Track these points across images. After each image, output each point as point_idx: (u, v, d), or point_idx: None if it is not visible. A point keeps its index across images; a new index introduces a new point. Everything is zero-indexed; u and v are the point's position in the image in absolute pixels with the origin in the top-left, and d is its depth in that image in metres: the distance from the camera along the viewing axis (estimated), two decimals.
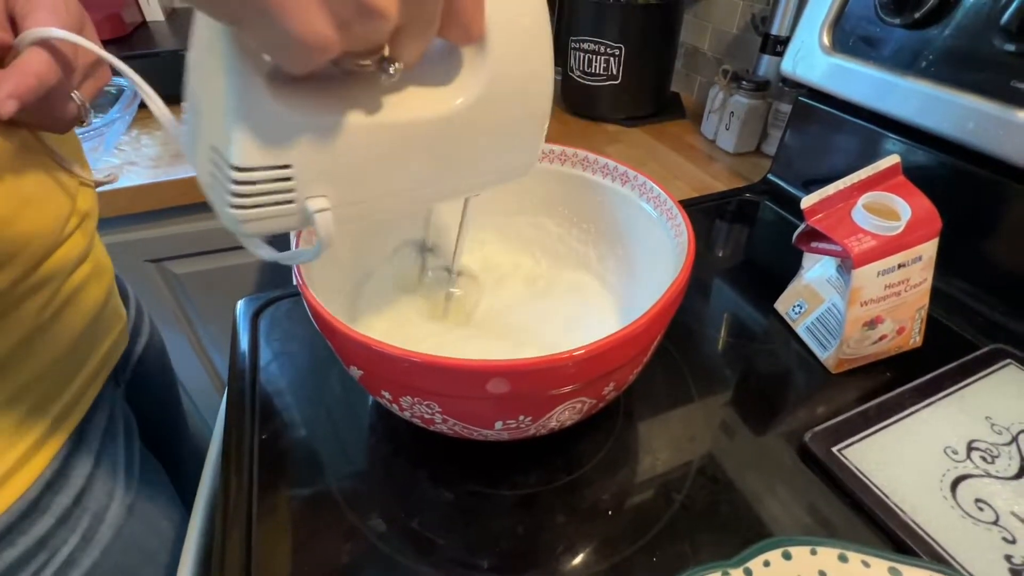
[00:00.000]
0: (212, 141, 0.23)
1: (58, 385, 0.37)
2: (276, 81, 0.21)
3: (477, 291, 0.42)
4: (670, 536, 0.33)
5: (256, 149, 0.22)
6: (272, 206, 0.23)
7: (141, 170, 0.73)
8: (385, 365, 0.29)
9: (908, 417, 0.39)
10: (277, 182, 0.23)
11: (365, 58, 0.21)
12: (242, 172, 0.22)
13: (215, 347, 0.92)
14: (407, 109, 0.25)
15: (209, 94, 0.22)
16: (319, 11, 0.17)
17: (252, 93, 0.21)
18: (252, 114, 0.21)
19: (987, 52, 0.44)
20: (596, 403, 0.33)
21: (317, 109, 0.23)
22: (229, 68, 0.20)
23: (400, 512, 0.35)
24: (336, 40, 0.18)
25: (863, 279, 0.39)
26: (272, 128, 0.22)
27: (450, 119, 0.26)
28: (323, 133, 0.23)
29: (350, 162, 0.24)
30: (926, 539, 0.31)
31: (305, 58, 0.19)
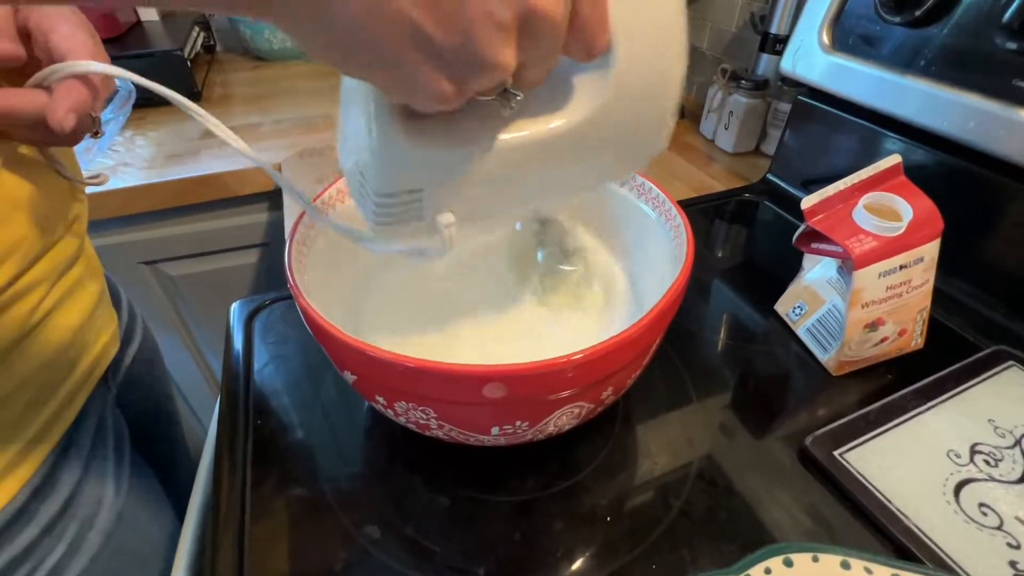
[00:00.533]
0: (360, 166, 0.26)
1: (46, 390, 0.36)
2: (411, 117, 0.24)
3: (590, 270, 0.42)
4: (669, 542, 0.32)
5: (393, 178, 0.25)
6: (407, 222, 0.27)
7: (135, 171, 0.72)
8: (378, 370, 0.28)
9: (910, 420, 0.38)
10: (411, 204, 0.26)
11: (488, 95, 0.22)
12: (382, 197, 0.26)
13: (210, 349, 0.92)
14: (527, 129, 0.25)
15: (356, 125, 0.26)
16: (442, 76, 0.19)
17: (389, 133, 0.24)
18: (388, 150, 0.24)
19: (988, 50, 0.43)
20: (595, 407, 0.33)
21: (444, 144, 0.25)
22: (371, 112, 0.23)
23: (395, 518, 0.34)
24: (455, 95, 0.20)
25: (864, 280, 0.38)
26: (407, 162, 0.25)
27: (570, 133, 0.26)
28: (450, 163, 0.25)
29: (474, 184, 0.26)
30: (929, 545, 0.31)
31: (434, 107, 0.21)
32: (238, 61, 1.12)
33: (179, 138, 0.80)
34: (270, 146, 0.78)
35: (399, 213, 0.26)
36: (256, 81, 1.02)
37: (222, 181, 0.73)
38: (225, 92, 0.97)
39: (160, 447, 0.54)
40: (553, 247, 0.42)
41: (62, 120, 0.27)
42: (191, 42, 0.93)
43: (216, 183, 0.73)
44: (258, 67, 1.09)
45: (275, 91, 0.97)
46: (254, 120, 0.86)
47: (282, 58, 1.10)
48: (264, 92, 0.97)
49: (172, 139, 0.80)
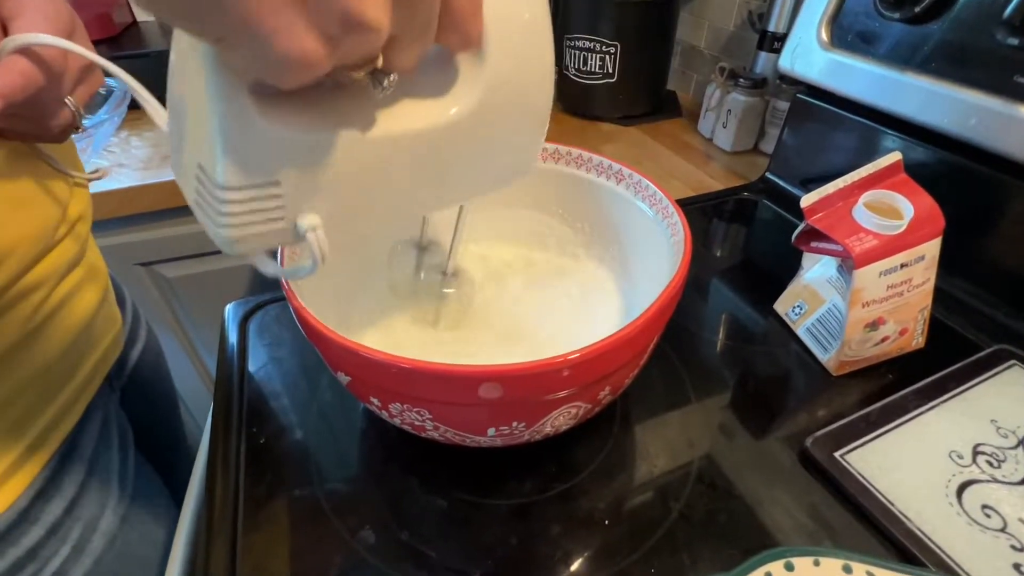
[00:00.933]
0: (198, 158, 0.22)
1: (49, 392, 0.36)
2: (262, 95, 0.20)
3: (470, 292, 0.41)
4: (669, 546, 0.32)
5: (243, 168, 0.21)
6: (262, 224, 0.23)
7: (131, 172, 0.72)
8: (372, 371, 0.28)
9: (911, 420, 0.38)
10: (266, 199, 0.22)
11: (357, 70, 0.20)
12: (229, 191, 0.21)
13: (207, 351, 0.91)
14: (400, 121, 0.24)
15: (192, 108, 0.21)
16: (305, 28, 0.16)
17: (237, 110, 0.20)
18: (237, 132, 0.20)
19: (989, 47, 0.43)
20: (592, 408, 0.32)
21: (306, 125, 0.22)
22: (212, 84, 0.19)
23: (391, 522, 0.34)
24: (325, 56, 0.17)
25: (865, 280, 0.38)
26: (259, 145, 0.21)
27: (446, 129, 0.25)
28: (313, 149, 0.22)
29: (341, 177, 0.23)
30: (932, 548, 0.30)
31: (292, 76, 0.18)
32: None
33: None
34: None
35: (253, 215, 0.22)
36: None
37: None
38: None
39: (164, 448, 0.53)
40: (432, 270, 0.40)
41: None
42: None
43: None
44: None
45: None
46: None
47: None
48: None
49: (168, 140, 0.79)
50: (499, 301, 0.43)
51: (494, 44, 0.24)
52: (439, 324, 0.40)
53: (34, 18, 0.28)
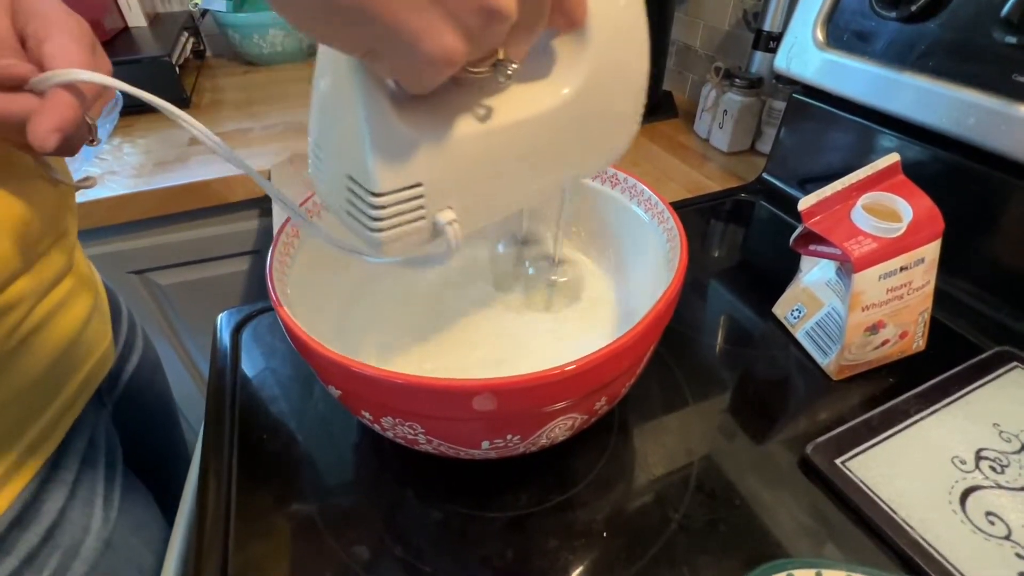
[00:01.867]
0: (348, 171, 0.24)
1: (32, 411, 0.35)
2: (400, 103, 0.22)
3: (579, 277, 0.42)
4: (668, 558, 0.31)
5: (391, 173, 0.23)
6: (408, 224, 0.24)
7: (123, 179, 0.71)
8: (362, 386, 0.28)
9: (913, 425, 0.37)
10: (411, 201, 0.24)
11: (481, 64, 0.22)
12: (381, 197, 0.23)
13: (202, 359, 0.91)
14: (520, 108, 0.25)
15: (341, 126, 0.23)
16: (448, 26, 0.17)
17: (383, 121, 0.22)
18: (385, 141, 0.22)
19: (986, 45, 0.42)
20: (588, 418, 0.32)
21: (438, 126, 0.23)
22: (360, 99, 0.21)
23: (385, 536, 0.33)
24: (464, 52, 0.18)
25: (864, 283, 0.37)
26: (403, 151, 0.23)
27: (561, 110, 0.26)
28: (447, 147, 0.23)
29: (473, 170, 0.25)
30: (936, 557, 0.30)
31: (435, 75, 0.19)
32: (228, 66, 1.11)
33: (167, 145, 0.79)
34: (260, 151, 0.77)
35: (400, 216, 0.24)
36: (246, 86, 1.01)
37: (211, 188, 0.72)
38: (215, 98, 0.96)
39: (160, 462, 0.52)
40: (540, 261, 0.41)
41: (43, 139, 0.26)
42: (179, 48, 0.92)
43: (205, 190, 0.72)
44: (248, 72, 1.07)
45: (265, 96, 0.96)
46: (244, 125, 0.85)
47: (272, 63, 1.09)
48: (254, 97, 0.96)
49: (160, 146, 0.79)
50: (492, 310, 0.43)
51: (596, 23, 0.24)
52: (551, 309, 0.41)
53: (65, 42, 0.28)
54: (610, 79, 0.27)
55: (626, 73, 0.27)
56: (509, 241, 0.43)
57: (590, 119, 0.27)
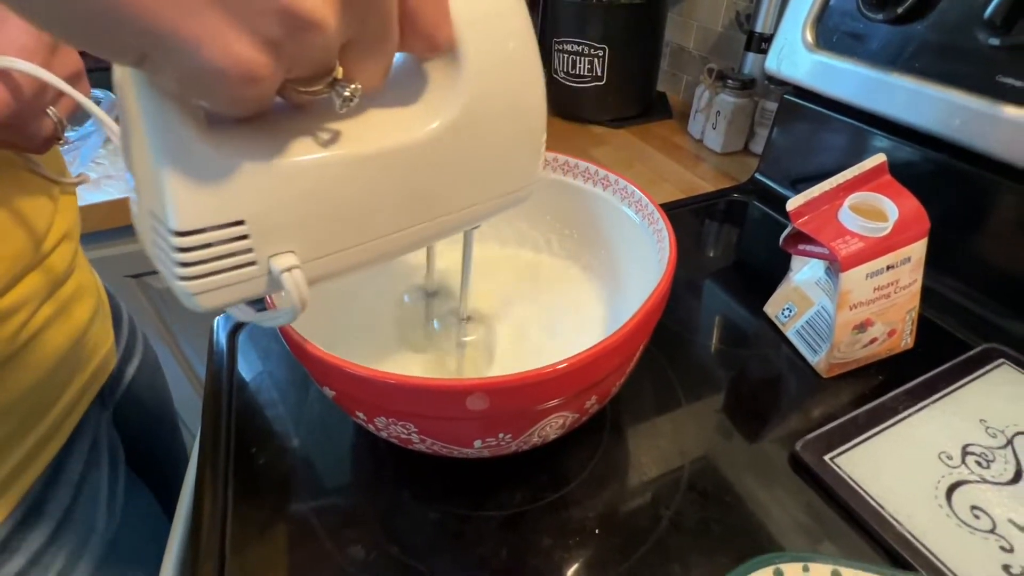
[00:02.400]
0: (149, 204, 0.19)
1: (35, 414, 0.35)
2: (213, 123, 0.19)
3: (491, 337, 0.39)
4: (660, 555, 0.32)
5: (198, 207, 0.18)
6: (229, 271, 0.20)
7: (119, 183, 0.72)
8: (355, 386, 0.28)
9: (901, 422, 0.38)
10: (231, 242, 0.19)
11: (313, 83, 0.18)
12: (185, 237, 0.18)
13: (200, 362, 0.91)
14: (373, 138, 0.21)
15: (137, 150, 0.19)
16: (237, 32, 0.14)
17: (179, 140, 0.18)
18: (185, 165, 0.18)
19: (971, 46, 0.43)
20: (579, 417, 0.32)
21: (263, 149, 0.19)
22: (146, 114, 0.17)
23: (381, 537, 0.33)
24: (267, 65, 0.15)
25: (851, 282, 0.38)
26: (214, 180, 0.18)
27: (427, 145, 0.22)
28: (276, 176, 0.19)
29: (314, 207, 0.21)
30: (922, 551, 0.30)
31: (236, 93, 0.16)
32: None
33: None
34: None
35: (217, 261, 0.20)
36: None
37: None
38: None
39: (161, 464, 0.52)
40: (446, 316, 0.39)
41: None
42: None
43: None
44: None
45: None
46: None
47: None
48: None
49: None
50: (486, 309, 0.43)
51: (470, 49, 0.22)
52: (463, 374, 0.38)
53: (15, 33, 0.27)
54: (492, 114, 0.24)
55: (515, 108, 0.25)
56: (416, 294, 0.40)
57: (469, 157, 0.24)
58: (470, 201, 0.26)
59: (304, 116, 0.21)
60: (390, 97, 0.22)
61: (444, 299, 0.41)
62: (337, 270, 0.23)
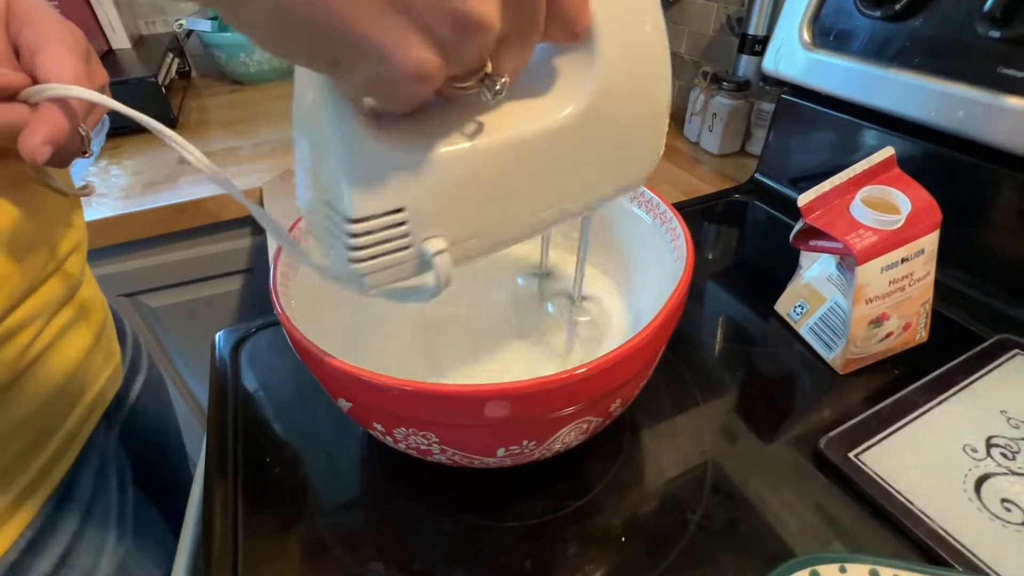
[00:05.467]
0: (325, 196, 0.22)
1: (42, 435, 0.34)
2: (379, 122, 0.21)
3: (603, 320, 0.39)
4: (690, 561, 0.31)
5: (369, 197, 0.21)
6: (390, 254, 0.22)
7: (111, 201, 0.70)
8: (374, 396, 0.27)
9: (922, 416, 0.37)
10: (393, 228, 0.22)
11: (467, 79, 0.19)
12: (359, 224, 0.21)
13: (197, 382, 0.89)
14: (514, 127, 0.23)
15: (316, 148, 0.22)
16: (418, 37, 0.15)
17: (357, 140, 0.20)
18: (360, 162, 0.20)
19: (971, 40, 0.43)
20: (603, 421, 0.31)
21: (422, 144, 0.21)
22: (331, 118, 0.20)
23: (400, 552, 0.32)
24: (440, 66, 0.16)
25: (867, 276, 0.37)
26: (381, 172, 0.21)
27: (562, 131, 0.23)
28: (431, 168, 0.21)
29: (461, 194, 0.23)
30: (957, 547, 0.30)
31: (409, 91, 0.17)
32: (214, 86, 1.10)
33: (156, 165, 0.78)
34: (250, 169, 0.77)
35: (381, 245, 0.22)
36: (234, 105, 1.00)
37: (202, 207, 0.71)
38: (202, 117, 0.95)
39: (167, 483, 0.51)
40: (560, 298, 0.40)
41: (35, 151, 0.25)
42: (165, 68, 0.91)
43: (196, 209, 0.71)
44: (235, 91, 1.07)
45: (253, 114, 0.96)
46: (233, 144, 0.85)
47: (259, 81, 1.09)
48: (242, 116, 0.95)
49: (149, 167, 0.78)
50: (499, 316, 0.42)
51: (604, 37, 0.22)
52: (572, 356, 0.38)
53: (58, 52, 0.27)
54: (622, 101, 0.24)
55: (642, 96, 0.25)
56: (530, 277, 0.41)
57: (600, 143, 0.25)
58: (598, 184, 0.27)
59: (451, 108, 0.22)
60: (526, 85, 0.23)
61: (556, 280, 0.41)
62: (478, 252, 0.25)
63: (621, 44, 0.23)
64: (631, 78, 0.24)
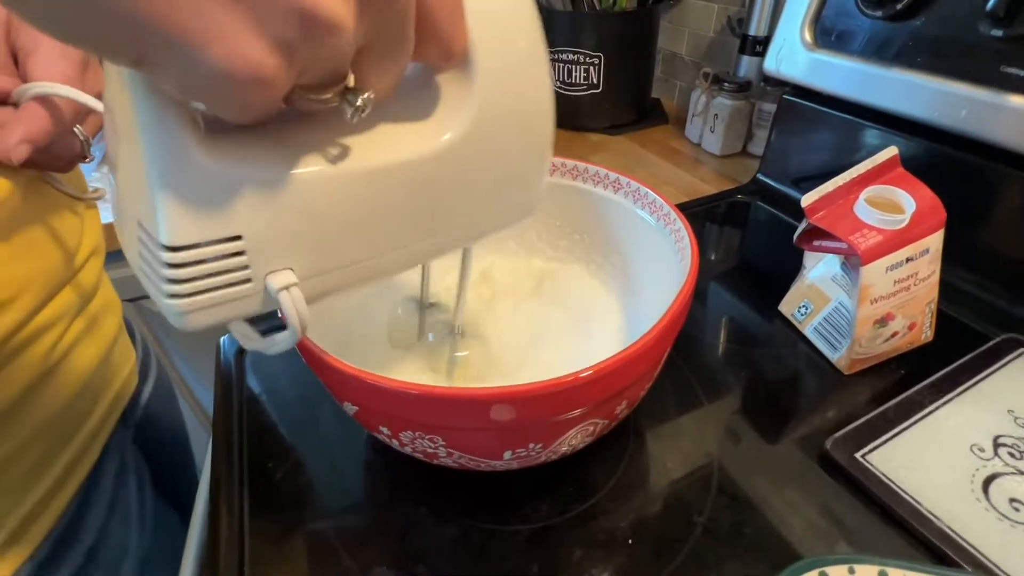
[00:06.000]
0: (137, 214, 0.18)
1: (66, 433, 0.35)
2: (213, 131, 0.17)
3: (484, 350, 0.38)
4: (696, 563, 0.31)
5: (192, 221, 0.17)
6: (223, 288, 0.19)
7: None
8: (381, 399, 0.27)
9: (929, 416, 0.37)
10: (226, 259, 0.18)
11: (324, 91, 0.17)
12: (177, 252, 0.17)
13: (200, 386, 0.89)
14: (382, 152, 0.20)
15: (126, 152, 0.18)
16: (247, 33, 0.13)
17: (176, 147, 0.16)
18: (181, 175, 0.17)
19: (974, 39, 0.43)
20: (609, 423, 0.31)
21: (266, 160, 0.18)
22: (145, 117, 0.16)
23: (404, 556, 0.32)
24: (279, 68, 0.14)
25: (872, 276, 0.37)
26: (210, 191, 0.17)
27: (436, 159, 0.21)
28: (278, 190, 0.18)
29: (316, 223, 0.20)
30: (967, 548, 0.30)
31: (240, 97, 0.14)
32: None
33: None
34: None
35: (209, 279, 0.18)
36: None
37: None
38: None
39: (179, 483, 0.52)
40: (441, 328, 0.38)
41: (9, 150, 0.25)
42: None
43: None
44: None
45: None
46: None
47: None
48: None
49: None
50: (504, 317, 0.42)
51: (483, 59, 0.21)
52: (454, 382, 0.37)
53: (51, 55, 0.27)
54: (504, 126, 0.23)
55: (525, 120, 0.24)
56: (408, 305, 0.39)
57: (479, 171, 0.23)
58: (475, 218, 0.25)
59: (308, 125, 0.20)
60: (398, 107, 0.21)
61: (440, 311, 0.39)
62: (336, 287, 0.22)
63: (499, 65, 0.22)
64: (512, 96, 0.23)
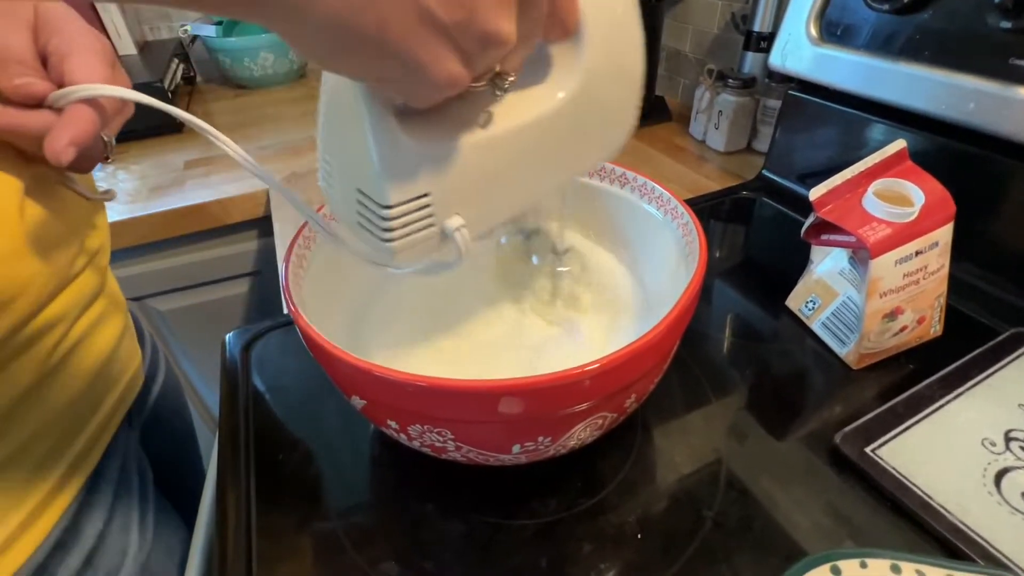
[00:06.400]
0: (358, 185, 0.25)
1: (68, 435, 0.35)
2: (404, 117, 0.23)
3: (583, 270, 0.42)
4: (706, 558, 0.30)
5: (400, 186, 0.24)
6: (418, 233, 0.25)
7: (117, 205, 0.71)
8: (389, 392, 0.27)
9: (939, 410, 0.37)
10: (419, 211, 0.25)
11: (481, 80, 0.22)
12: (392, 209, 0.24)
13: (205, 385, 0.89)
14: (518, 115, 0.26)
15: (348, 142, 0.25)
16: (449, 54, 0.18)
17: (390, 138, 0.23)
18: (392, 155, 0.23)
19: (982, 31, 0.43)
20: (617, 417, 0.31)
21: (442, 137, 0.24)
22: (368, 120, 0.22)
23: (412, 552, 0.32)
24: (467, 75, 0.19)
25: (881, 269, 0.37)
26: (409, 163, 0.24)
27: (557, 114, 0.27)
28: (450, 157, 0.24)
29: (476, 178, 0.26)
30: (979, 541, 0.29)
31: (438, 96, 0.20)
32: (219, 91, 1.11)
33: (162, 170, 0.78)
34: None
35: (410, 226, 0.25)
36: (239, 109, 1.01)
37: (208, 211, 0.72)
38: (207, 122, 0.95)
39: (185, 484, 0.52)
40: (544, 252, 0.41)
41: (60, 153, 0.25)
42: (170, 74, 0.92)
43: (202, 213, 0.71)
44: (240, 95, 1.07)
45: (258, 118, 0.96)
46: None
47: (264, 85, 1.09)
48: (247, 120, 0.95)
49: (155, 171, 0.78)
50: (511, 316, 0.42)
51: (589, 27, 0.25)
52: (557, 304, 0.41)
53: (87, 58, 0.28)
54: (605, 80, 0.28)
55: (621, 73, 0.28)
56: (512, 233, 0.42)
57: (587, 119, 0.28)
58: (587, 154, 0.31)
59: (463, 103, 0.25)
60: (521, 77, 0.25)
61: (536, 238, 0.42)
62: (490, 224, 0.29)
63: (601, 31, 0.26)
64: (611, 60, 0.27)
